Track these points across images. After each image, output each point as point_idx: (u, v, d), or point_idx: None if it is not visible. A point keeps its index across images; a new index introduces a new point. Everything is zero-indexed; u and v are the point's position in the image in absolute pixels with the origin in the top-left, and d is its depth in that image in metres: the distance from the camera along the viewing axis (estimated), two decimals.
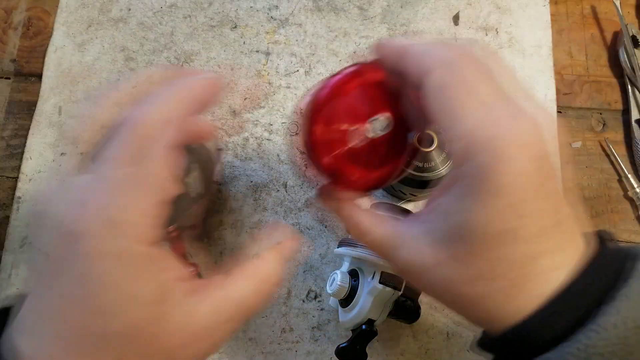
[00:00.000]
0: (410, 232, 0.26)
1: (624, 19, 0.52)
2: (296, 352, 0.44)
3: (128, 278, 0.22)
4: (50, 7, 0.53)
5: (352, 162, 0.28)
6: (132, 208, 0.22)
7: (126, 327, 0.22)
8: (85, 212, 0.22)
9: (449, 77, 0.24)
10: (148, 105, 0.24)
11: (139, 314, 0.22)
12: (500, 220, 0.23)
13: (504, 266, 0.23)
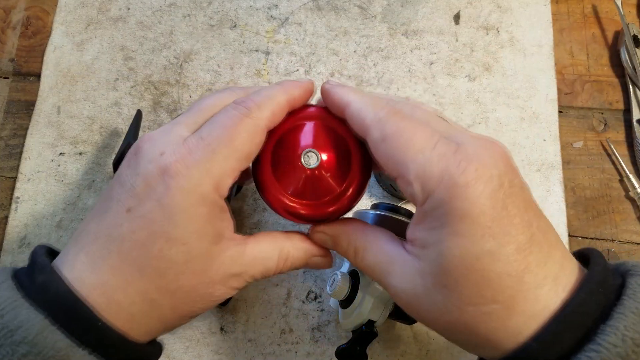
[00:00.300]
0: (400, 259, 0.28)
1: (625, 19, 0.51)
2: (296, 353, 0.44)
3: (200, 217, 0.27)
4: (49, 7, 0.52)
5: (299, 197, 0.31)
6: (221, 166, 0.27)
7: (186, 255, 0.27)
8: (185, 156, 0.27)
9: (385, 132, 0.27)
10: (258, 93, 0.30)
11: (199, 248, 0.27)
12: (474, 245, 0.24)
13: (490, 289, 0.24)
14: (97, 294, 0.26)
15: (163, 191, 0.26)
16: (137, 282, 0.26)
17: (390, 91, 0.50)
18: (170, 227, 0.26)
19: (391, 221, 0.39)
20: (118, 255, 0.26)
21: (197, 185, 0.26)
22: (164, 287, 0.27)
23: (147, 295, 0.27)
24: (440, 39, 0.52)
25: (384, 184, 0.47)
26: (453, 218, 0.25)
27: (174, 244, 0.26)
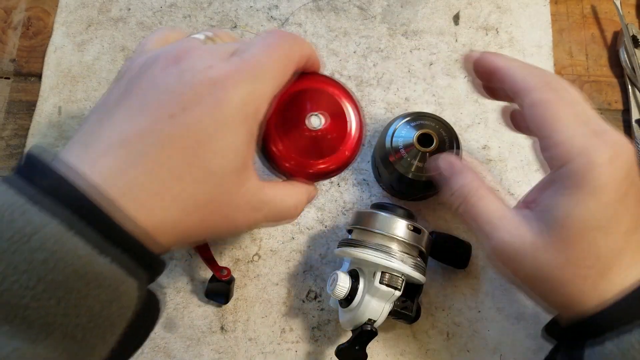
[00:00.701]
0: (512, 216, 0.31)
1: (624, 19, 0.51)
2: (296, 352, 0.44)
3: (240, 136, 0.27)
4: (49, 7, 0.53)
5: (306, 157, 0.34)
6: (264, 90, 0.28)
7: (223, 170, 0.27)
8: (233, 73, 0.27)
9: (549, 95, 0.30)
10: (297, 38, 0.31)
11: (235, 166, 0.27)
12: (594, 217, 0.28)
13: (593, 256, 0.28)
14: (127, 199, 0.25)
15: (212, 102, 0.26)
16: (174, 189, 0.26)
17: (390, 92, 0.50)
18: (215, 139, 0.26)
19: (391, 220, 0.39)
20: (156, 160, 0.26)
21: (243, 104, 0.27)
22: (199, 198, 0.27)
23: (182, 203, 0.26)
24: (440, 40, 0.52)
25: (384, 184, 0.47)
26: (583, 189, 0.28)
27: (215, 155, 0.26)
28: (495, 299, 0.45)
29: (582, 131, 0.29)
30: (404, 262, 0.38)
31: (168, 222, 0.26)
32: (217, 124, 0.26)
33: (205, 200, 0.27)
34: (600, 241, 0.28)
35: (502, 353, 0.44)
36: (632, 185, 0.29)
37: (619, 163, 0.28)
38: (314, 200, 0.47)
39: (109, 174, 0.25)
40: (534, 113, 0.30)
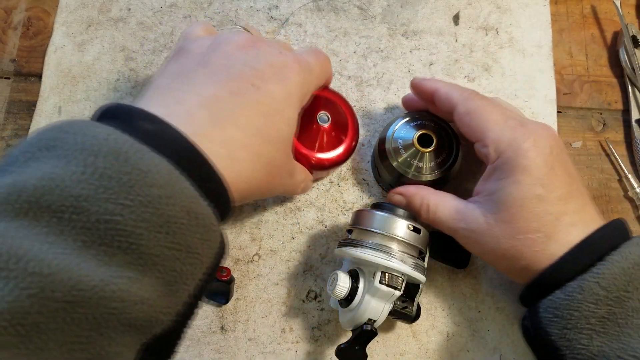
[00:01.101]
0: (468, 208, 0.38)
1: (624, 19, 0.52)
2: (296, 352, 0.44)
3: (296, 112, 0.34)
4: (50, 7, 0.53)
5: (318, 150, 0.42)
6: (312, 86, 0.36)
7: (288, 135, 0.34)
8: (299, 61, 0.35)
9: (470, 105, 0.38)
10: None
11: (292, 134, 0.34)
12: (529, 190, 0.34)
13: (536, 222, 0.34)
14: (221, 148, 0.29)
15: (284, 79, 0.33)
16: (256, 144, 0.31)
17: (389, 92, 0.50)
18: (285, 109, 0.33)
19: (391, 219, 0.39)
20: (244, 118, 0.30)
21: (302, 86, 0.34)
22: (270, 156, 0.32)
23: (259, 158, 0.31)
24: (440, 40, 0.52)
25: (384, 184, 0.47)
26: (516, 170, 0.35)
27: (286, 122, 0.33)
28: (495, 299, 0.45)
29: (507, 126, 0.36)
30: (404, 262, 0.38)
31: (245, 175, 0.30)
32: (287, 97, 0.33)
33: (272, 159, 0.32)
34: (539, 208, 0.34)
35: (502, 353, 0.44)
36: (557, 159, 0.36)
37: (541, 144, 0.35)
38: (315, 201, 0.47)
39: (204, 125, 0.29)
40: (465, 121, 0.38)
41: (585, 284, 0.32)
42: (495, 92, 0.50)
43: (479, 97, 0.38)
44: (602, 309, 0.32)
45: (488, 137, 0.36)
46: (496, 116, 0.37)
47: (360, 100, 0.50)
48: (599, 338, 0.32)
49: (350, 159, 0.48)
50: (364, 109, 0.50)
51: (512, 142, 0.35)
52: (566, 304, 0.33)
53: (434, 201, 0.40)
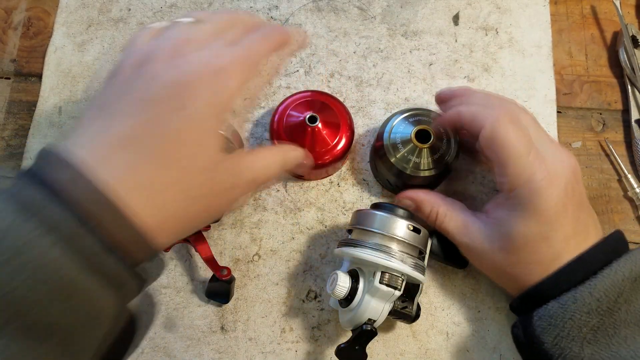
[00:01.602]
0: (475, 226, 0.39)
1: (623, 19, 0.52)
2: (296, 352, 0.44)
3: (212, 127, 0.29)
4: (50, 7, 0.53)
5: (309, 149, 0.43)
6: (235, 88, 0.29)
7: (220, 156, 0.29)
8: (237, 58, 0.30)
9: (495, 133, 0.36)
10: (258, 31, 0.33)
11: (212, 152, 0.29)
12: (536, 229, 0.36)
13: (537, 257, 0.36)
14: (140, 194, 0.25)
15: (217, 91, 0.28)
16: (180, 180, 0.27)
17: (389, 92, 0.50)
18: (216, 123, 0.28)
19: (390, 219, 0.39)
20: (163, 155, 0.26)
21: (240, 88, 0.29)
22: (200, 183, 0.28)
23: (187, 192, 0.27)
24: (440, 40, 0.52)
25: (382, 181, 0.47)
26: (528, 208, 0.36)
27: (214, 141, 0.28)
28: (495, 299, 0.45)
29: (528, 161, 0.36)
30: (404, 262, 0.38)
31: (174, 214, 0.27)
32: (218, 111, 0.28)
33: (203, 187, 0.28)
34: (542, 248, 0.36)
35: (501, 353, 0.44)
36: (570, 197, 0.36)
37: (555, 185, 0.36)
38: (315, 201, 0.47)
39: (122, 169, 0.25)
40: (489, 146, 0.37)
41: (579, 295, 0.34)
42: (495, 92, 0.50)
43: (508, 123, 0.36)
44: (594, 319, 0.34)
45: (507, 169, 0.36)
46: (519, 148, 0.36)
47: (360, 100, 0.50)
48: (590, 347, 0.34)
49: (349, 159, 0.48)
50: (364, 109, 0.50)
51: (529, 178, 0.36)
52: (560, 313, 0.35)
53: (443, 210, 0.41)
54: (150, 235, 0.26)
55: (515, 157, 0.36)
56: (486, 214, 0.40)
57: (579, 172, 0.38)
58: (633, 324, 0.34)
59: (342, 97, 0.50)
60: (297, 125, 0.44)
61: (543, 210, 0.36)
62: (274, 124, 0.45)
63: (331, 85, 0.51)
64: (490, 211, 0.39)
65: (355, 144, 0.49)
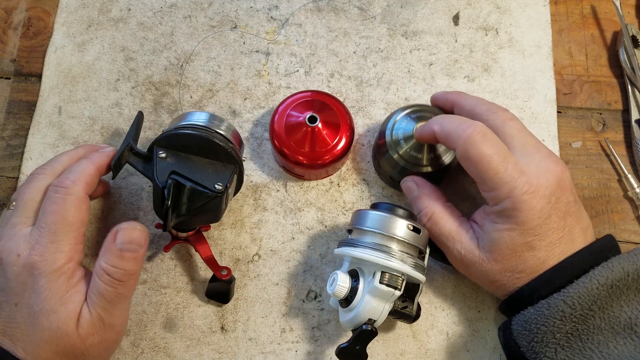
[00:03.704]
0: (469, 234, 0.40)
1: (624, 19, 0.52)
2: (296, 352, 0.44)
3: (61, 286, 0.35)
4: (50, 7, 0.53)
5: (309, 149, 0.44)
6: (67, 240, 0.36)
7: (57, 322, 0.35)
8: (35, 247, 0.35)
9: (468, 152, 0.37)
10: (66, 175, 0.38)
11: (65, 313, 0.35)
12: (521, 238, 0.37)
13: (523, 265, 0.37)
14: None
15: (33, 281, 0.35)
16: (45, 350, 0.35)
17: (389, 92, 0.50)
18: (45, 303, 0.35)
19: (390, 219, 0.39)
20: (27, 339, 0.35)
21: (52, 263, 0.35)
22: (66, 351, 0.35)
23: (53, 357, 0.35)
24: (440, 40, 0.52)
25: (384, 176, 0.47)
26: (511, 220, 0.37)
27: (51, 314, 0.35)
28: (495, 299, 0.45)
29: (506, 176, 0.36)
30: (404, 261, 0.38)
31: None
32: (41, 293, 0.35)
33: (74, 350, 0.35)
34: (527, 255, 0.37)
35: (501, 353, 0.44)
36: (554, 207, 0.37)
37: (538, 196, 0.36)
38: (315, 201, 0.47)
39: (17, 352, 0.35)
40: (465, 166, 0.38)
41: (553, 302, 0.35)
42: (495, 92, 0.51)
43: (478, 140, 0.37)
44: (567, 325, 0.35)
45: (487, 185, 0.37)
46: (494, 164, 0.36)
47: (360, 100, 0.50)
48: (563, 352, 0.35)
49: (349, 159, 0.48)
50: (364, 109, 0.50)
51: (509, 194, 0.36)
52: (535, 319, 0.36)
53: (440, 211, 0.41)
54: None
55: (492, 174, 0.36)
56: (475, 222, 0.40)
57: (567, 179, 0.38)
58: (606, 330, 0.35)
59: (342, 97, 0.50)
60: (297, 125, 0.44)
61: (526, 222, 0.36)
62: (274, 124, 0.45)
63: (331, 85, 0.50)
64: (478, 221, 0.40)
65: (355, 144, 0.49)
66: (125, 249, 0.36)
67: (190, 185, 0.37)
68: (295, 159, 0.44)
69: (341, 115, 0.45)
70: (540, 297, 0.36)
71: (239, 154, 0.42)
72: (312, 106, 0.45)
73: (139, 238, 0.37)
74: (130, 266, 0.36)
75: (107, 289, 0.36)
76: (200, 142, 0.39)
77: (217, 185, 0.38)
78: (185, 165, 0.39)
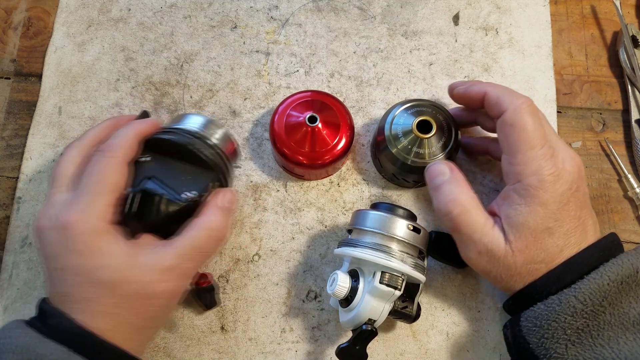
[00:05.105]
0: (493, 227, 0.38)
1: (624, 19, 0.52)
2: (296, 352, 0.44)
3: (104, 243, 0.35)
4: (50, 7, 0.53)
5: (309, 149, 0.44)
6: (102, 202, 0.35)
7: (117, 273, 0.34)
8: (72, 208, 0.35)
9: (516, 118, 0.37)
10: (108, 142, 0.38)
11: (122, 264, 0.34)
12: (543, 222, 0.37)
13: (543, 254, 0.37)
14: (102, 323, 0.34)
15: (72, 242, 0.34)
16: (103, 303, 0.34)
17: (389, 92, 0.50)
18: (90, 261, 0.34)
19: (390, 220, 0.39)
20: (83, 300, 0.34)
21: (89, 222, 0.34)
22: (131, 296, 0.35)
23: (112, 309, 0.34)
24: (440, 40, 0.52)
25: (387, 175, 0.47)
26: (534, 201, 0.37)
27: (103, 269, 0.34)
28: (495, 299, 0.45)
29: (540, 153, 0.37)
30: (404, 261, 0.38)
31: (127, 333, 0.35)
32: (84, 251, 0.34)
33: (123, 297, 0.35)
34: (548, 241, 0.37)
35: (501, 353, 0.44)
36: (574, 194, 0.37)
37: (562, 180, 0.37)
38: (315, 201, 0.47)
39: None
40: (506, 132, 0.38)
41: (564, 297, 0.35)
42: None
43: (529, 112, 0.37)
44: (579, 321, 0.35)
45: (517, 158, 0.37)
46: (534, 140, 0.37)
47: (360, 100, 0.50)
48: (574, 348, 0.35)
49: (349, 159, 0.48)
50: (364, 109, 0.50)
51: (538, 171, 0.36)
52: (546, 315, 0.36)
53: (471, 201, 0.39)
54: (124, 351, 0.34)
55: (529, 147, 0.37)
56: (493, 214, 0.39)
57: (584, 172, 0.39)
58: (617, 325, 0.35)
59: (342, 97, 0.50)
60: (297, 125, 0.44)
61: (548, 203, 0.36)
62: (274, 124, 0.45)
63: (331, 85, 0.51)
64: (496, 211, 0.39)
65: (355, 144, 0.49)
66: (228, 208, 0.38)
67: (161, 193, 0.36)
68: (295, 159, 0.44)
69: (341, 115, 0.45)
70: (550, 293, 0.36)
71: (224, 163, 0.40)
72: (312, 106, 0.45)
73: (236, 201, 0.40)
74: (229, 225, 0.38)
75: (206, 242, 0.37)
76: (180, 148, 0.38)
77: (186, 194, 0.37)
78: (165, 171, 0.38)
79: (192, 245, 0.36)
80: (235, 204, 0.40)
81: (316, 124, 0.43)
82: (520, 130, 0.37)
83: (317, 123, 0.43)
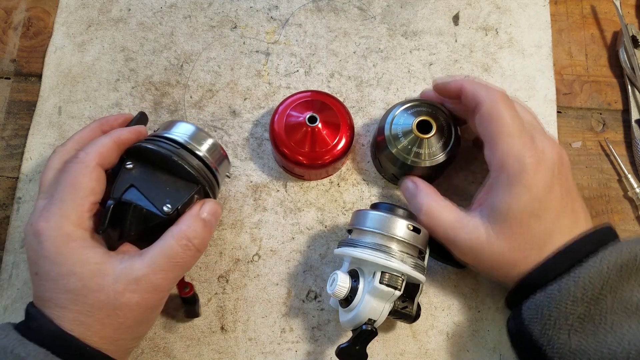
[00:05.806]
0: (471, 219, 0.39)
1: (624, 19, 0.52)
2: (296, 352, 0.44)
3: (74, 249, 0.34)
4: (50, 7, 0.53)
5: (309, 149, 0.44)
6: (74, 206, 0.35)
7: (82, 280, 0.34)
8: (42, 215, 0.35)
9: (492, 110, 0.38)
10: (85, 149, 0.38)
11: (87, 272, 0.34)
12: (527, 206, 0.37)
13: (530, 238, 0.37)
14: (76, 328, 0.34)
15: (42, 247, 0.34)
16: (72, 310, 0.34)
17: (389, 92, 0.50)
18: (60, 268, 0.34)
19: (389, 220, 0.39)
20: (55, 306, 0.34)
21: (59, 229, 0.35)
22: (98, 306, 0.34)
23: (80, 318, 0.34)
24: (440, 40, 0.52)
25: (387, 175, 0.47)
26: (517, 186, 0.37)
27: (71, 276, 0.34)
28: (495, 299, 0.45)
29: (520, 141, 0.37)
30: (404, 262, 0.38)
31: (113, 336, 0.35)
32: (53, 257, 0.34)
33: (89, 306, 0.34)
34: (535, 225, 0.37)
35: (501, 353, 0.44)
36: (557, 179, 0.37)
37: (543, 164, 0.37)
38: (315, 201, 0.47)
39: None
40: (484, 123, 0.39)
41: (563, 285, 0.35)
42: None
43: (504, 103, 0.38)
44: (580, 308, 0.35)
45: (498, 146, 0.38)
46: (513, 128, 0.38)
47: (360, 100, 0.50)
48: (577, 335, 0.35)
49: (349, 159, 0.48)
50: (364, 109, 0.50)
51: (518, 157, 0.37)
52: (546, 303, 0.35)
53: (437, 205, 0.41)
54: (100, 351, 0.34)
55: (507, 135, 0.37)
56: (478, 206, 0.40)
57: (567, 161, 0.40)
58: (620, 311, 0.34)
59: (342, 97, 0.50)
60: (297, 125, 0.44)
61: (531, 186, 0.36)
62: (274, 124, 0.45)
63: (331, 85, 0.51)
64: (481, 202, 0.40)
65: (355, 144, 0.49)
66: (209, 220, 0.38)
67: (142, 204, 0.36)
68: (295, 159, 0.44)
69: (341, 115, 0.45)
70: (549, 281, 0.36)
71: (212, 174, 0.40)
72: (312, 106, 0.45)
73: (220, 213, 0.39)
74: (208, 237, 0.38)
75: (179, 252, 0.36)
76: (165, 158, 0.38)
77: (168, 207, 0.37)
78: (148, 180, 0.37)
79: (164, 254, 0.35)
80: (217, 215, 0.39)
81: (316, 124, 0.43)
82: (498, 121, 0.38)
83: (317, 123, 0.43)
